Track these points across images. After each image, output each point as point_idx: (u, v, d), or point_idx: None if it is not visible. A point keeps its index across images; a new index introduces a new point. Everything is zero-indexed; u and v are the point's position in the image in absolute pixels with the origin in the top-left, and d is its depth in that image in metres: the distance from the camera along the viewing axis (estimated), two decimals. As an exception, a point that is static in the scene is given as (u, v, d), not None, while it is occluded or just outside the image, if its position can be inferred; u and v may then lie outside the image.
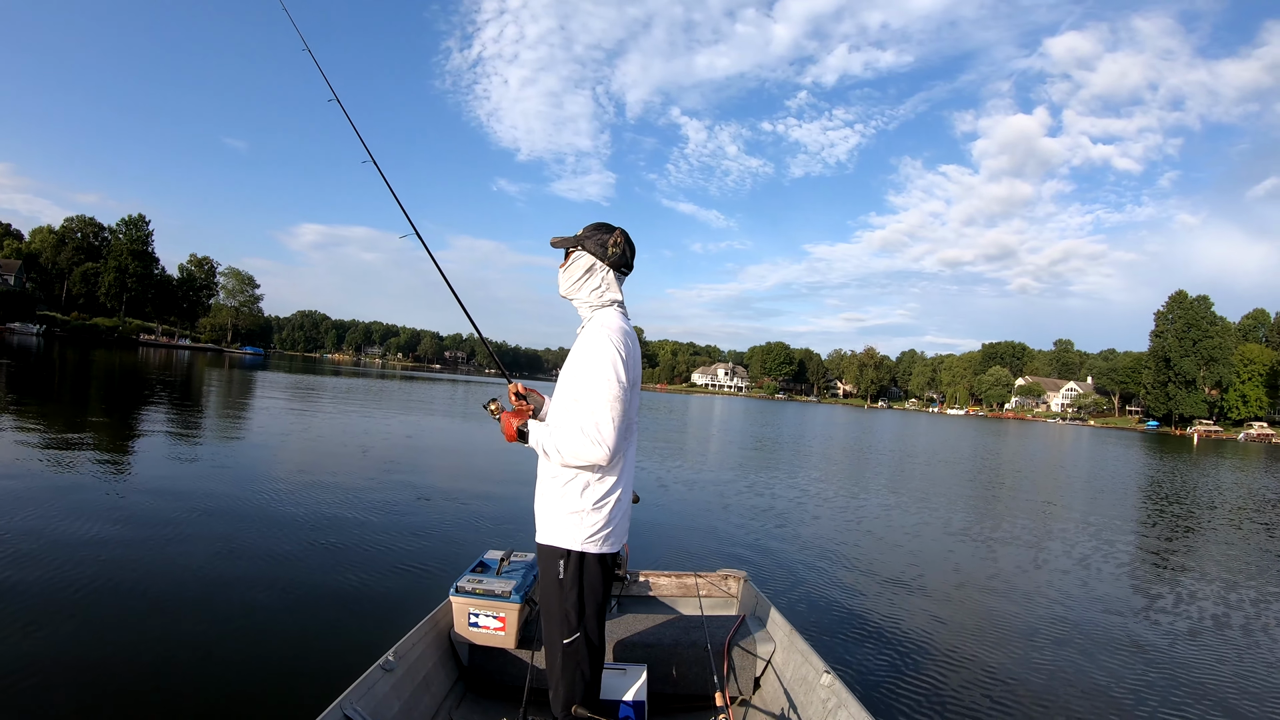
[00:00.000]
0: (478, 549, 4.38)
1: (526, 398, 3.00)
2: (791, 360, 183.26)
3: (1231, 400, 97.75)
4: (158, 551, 6.40)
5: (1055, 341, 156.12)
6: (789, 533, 9.60)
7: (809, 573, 7.59)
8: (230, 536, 7.07)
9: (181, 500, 8.42)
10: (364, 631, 4.90)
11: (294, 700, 3.92)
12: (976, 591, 7.50)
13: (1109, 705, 4.78)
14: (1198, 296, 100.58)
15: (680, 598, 4.76)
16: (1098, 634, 6.29)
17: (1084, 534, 11.37)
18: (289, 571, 6.17)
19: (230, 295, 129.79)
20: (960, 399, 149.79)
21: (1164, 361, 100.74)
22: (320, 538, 7.33)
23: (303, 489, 9.77)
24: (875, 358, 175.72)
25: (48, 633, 4.54)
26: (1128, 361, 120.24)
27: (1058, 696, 4.85)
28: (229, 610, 5.18)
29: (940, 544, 9.78)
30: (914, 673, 5.05)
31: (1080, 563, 9.16)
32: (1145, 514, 14.67)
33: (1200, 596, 7.87)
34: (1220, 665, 5.70)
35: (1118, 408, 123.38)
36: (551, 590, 2.65)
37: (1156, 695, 4.99)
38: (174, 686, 4.01)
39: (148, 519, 7.46)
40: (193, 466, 10.90)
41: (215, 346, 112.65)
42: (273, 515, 8.10)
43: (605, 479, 2.61)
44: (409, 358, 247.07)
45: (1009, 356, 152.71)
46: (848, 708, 2.96)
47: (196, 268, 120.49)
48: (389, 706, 2.95)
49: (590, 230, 2.78)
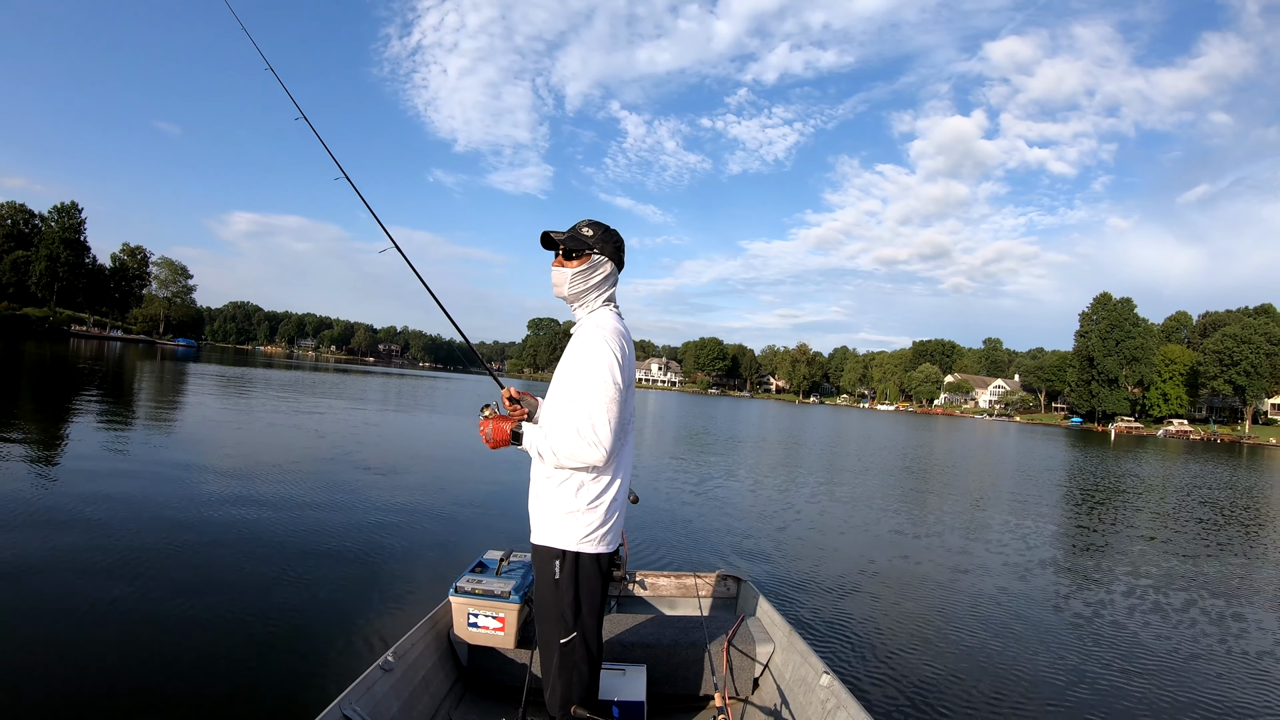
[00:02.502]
0: (477, 549, 4.40)
1: (520, 401, 2.99)
2: (725, 356, 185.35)
3: (1153, 398, 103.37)
4: (157, 551, 6.37)
5: (985, 340, 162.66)
6: (788, 534, 9.80)
7: (808, 573, 7.72)
8: (229, 537, 7.06)
9: (178, 500, 8.40)
10: (363, 632, 4.94)
11: (293, 700, 3.94)
12: (976, 591, 7.65)
13: (1111, 704, 4.90)
14: (1121, 298, 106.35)
15: (679, 598, 4.83)
16: (1097, 632, 6.51)
17: (1062, 530, 11.89)
18: (288, 571, 6.17)
19: (163, 286, 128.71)
20: (891, 395, 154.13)
21: (1088, 361, 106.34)
22: (319, 538, 7.34)
23: (300, 488, 9.79)
24: (808, 354, 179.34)
25: (47, 633, 4.53)
26: (1054, 360, 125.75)
27: (1058, 694, 4.98)
28: (228, 610, 5.17)
29: (940, 544, 10.03)
30: (913, 673, 5.14)
31: (1064, 560, 9.59)
32: (1087, 510, 15.38)
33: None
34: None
35: (1044, 404, 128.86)
36: (547, 591, 2.66)
37: (1156, 696, 5.10)
38: (173, 686, 4.01)
39: (144, 518, 7.42)
40: (178, 468, 10.68)
41: (147, 338, 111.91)
42: (271, 515, 8.10)
43: (600, 478, 2.61)
44: (343, 350, 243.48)
45: (939, 354, 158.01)
46: (847, 708, 3.02)
47: (129, 257, 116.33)
48: (388, 707, 2.97)
49: (602, 234, 2.75)
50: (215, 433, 15.15)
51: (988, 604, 7.16)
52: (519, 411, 2.91)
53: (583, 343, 2.62)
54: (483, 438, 2.71)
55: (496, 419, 2.71)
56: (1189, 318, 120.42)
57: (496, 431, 2.67)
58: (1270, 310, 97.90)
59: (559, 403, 2.63)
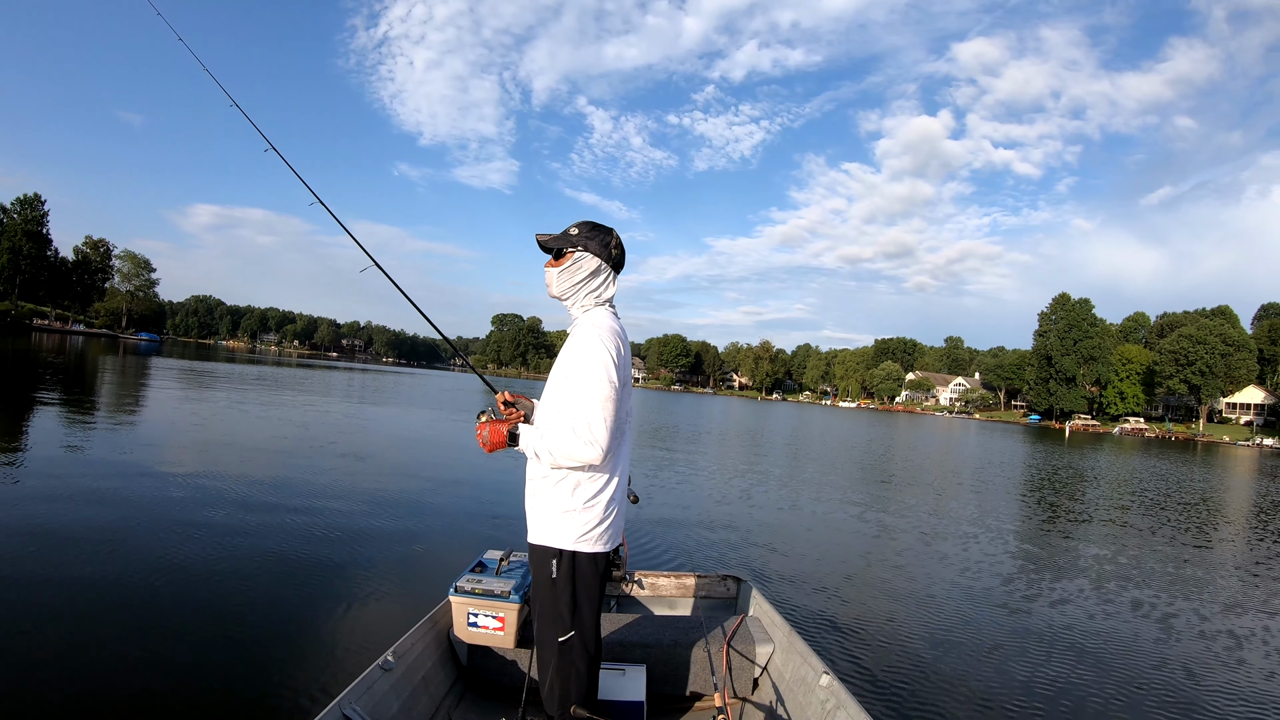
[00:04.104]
0: (477, 549, 4.40)
1: (515, 404, 3.01)
2: (688, 352, 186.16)
3: (1110, 396, 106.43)
4: (156, 551, 6.37)
5: (946, 338, 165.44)
6: (788, 534, 9.90)
7: (809, 574, 7.79)
8: (228, 537, 7.03)
9: (176, 499, 8.37)
10: (363, 631, 4.95)
11: (293, 700, 3.95)
12: (976, 590, 7.74)
13: (1111, 702, 4.97)
14: (1079, 299, 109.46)
15: (679, 598, 4.85)
16: (1097, 629, 6.65)
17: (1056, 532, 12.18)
18: (287, 571, 6.19)
19: (125, 279, 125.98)
20: (853, 392, 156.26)
21: (1046, 359, 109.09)
22: (318, 538, 7.34)
23: (300, 488, 9.79)
24: (770, 351, 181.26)
25: (45, 634, 4.53)
26: (1014, 359, 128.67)
27: (1058, 692, 5.05)
28: (228, 610, 5.18)
29: (938, 543, 10.17)
30: (913, 673, 5.19)
31: (1060, 559, 9.83)
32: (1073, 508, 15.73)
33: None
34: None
35: (1003, 402, 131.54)
36: (544, 590, 2.67)
37: (1160, 697, 5.18)
38: (173, 686, 4.02)
39: (143, 518, 7.42)
40: (172, 466, 10.77)
41: (110, 332, 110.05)
42: (270, 515, 8.08)
43: (597, 477, 2.62)
44: (305, 345, 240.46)
45: (901, 352, 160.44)
46: (846, 708, 3.04)
47: (92, 250, 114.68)
48: (388, 706, 2.98)
49: (588, 230, 2.77)
50: (202, 434, 14.79)
51: (988, 603, 7.25)
52: (515, 414, 2.93)
53: (578, 342, 2.64)
54: (480, 442, 2.73)
55: (493, 423, 2.72)
56: (1147, 318, 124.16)
57: (494, 435, 2.69)
58: (1227, 312, 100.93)
59: (555, 402, 2.65)
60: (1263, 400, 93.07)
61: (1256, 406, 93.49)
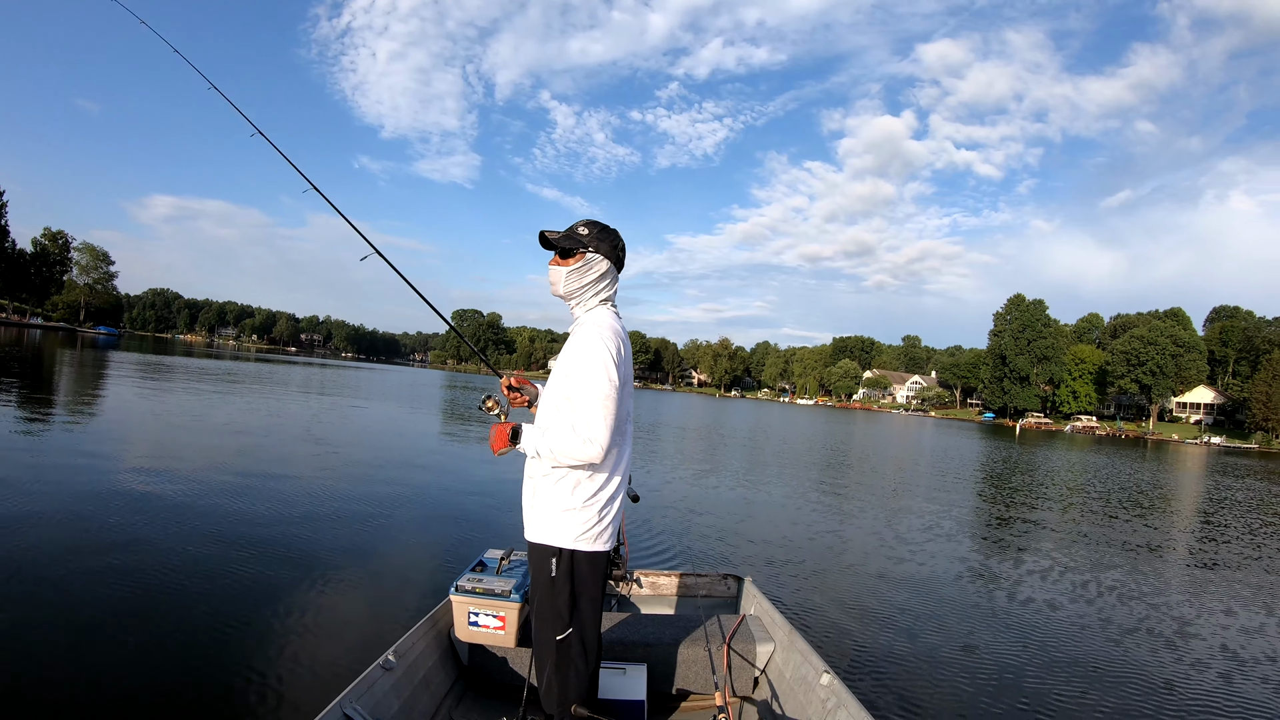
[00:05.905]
0: (477, 548, 4.41)
1: (521, 389, 3.05)
2: (647, 349, 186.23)
3: (1063, 395, 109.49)
4: (156, 550, 6.32)
5: (904, 337, 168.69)
6: (787, 534, 9.93)
7: (809, 573, 7.84)
8: (227, 536, 6.99)
9: (175, 500, 8.24)
10: (363, 630, 4.94)
11: (294, 699, 3.95)
12: (976, 589, 7.81)
13: (1111, 701, 5.01)
14: (1034, 300, 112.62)
15: (680, 597, 4.88)
16: (1096, 629, 6.73)
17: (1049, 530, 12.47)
18: (288, 571, 6.15)
19: (84, 272, 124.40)
20: (811, 390, 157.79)
21: (1000, 359, 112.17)
22: (318, 538, 7.30)
23: (298, 487, 9.73)
24: (729, 348, 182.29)
25: (44, 634, 4.51)
26: (970, 357, 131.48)
27: (1059, 690, 5.11)
28: (228, 609, 5.17)
29: (937, 543, 10.24)
30: (914, 672, 5.23)
31: (1051, 555, 10.01)
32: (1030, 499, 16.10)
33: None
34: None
35: (959, 400, 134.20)
36: (543, 588, 2.69)
37: (1159, 697, 5.21)
38: (173, 686, 4.02)
39: (141, 518, 7.33)
40: (173, 465, 10.44)
41: (67, 326, 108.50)
42: (270, 514, 8.03)
43: (596, 475, 2.64)
44: (264, 340, 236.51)
45: (858, 350, 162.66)
46: (847, 707, 3.05)
47: (50, 242, 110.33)
48: (388, 706, 2.99)
49: (598, 232, 2.79)
50: (203, 434, 14.47)
51: (988, 603, 7.32)
52: (519, 399, 2.97)
53: (579, 341, 2.66)
54: (490, 445, 2.74)
55: (497, 427, 2.73)
56: (1101, 319, 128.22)
57: (498, 438, 2.69)
58: (1179, 314, 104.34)
59: (556, 400, 2.67)
60: (1212, 400, 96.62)
61: (1206, 406, 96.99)
